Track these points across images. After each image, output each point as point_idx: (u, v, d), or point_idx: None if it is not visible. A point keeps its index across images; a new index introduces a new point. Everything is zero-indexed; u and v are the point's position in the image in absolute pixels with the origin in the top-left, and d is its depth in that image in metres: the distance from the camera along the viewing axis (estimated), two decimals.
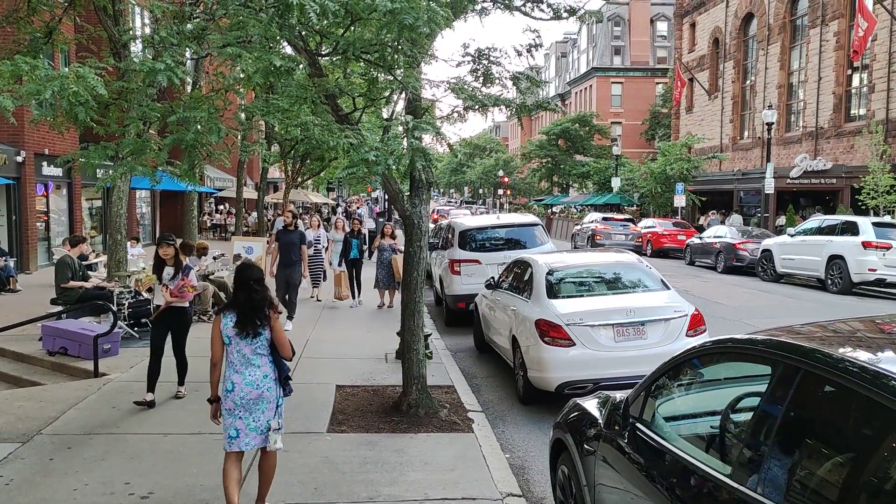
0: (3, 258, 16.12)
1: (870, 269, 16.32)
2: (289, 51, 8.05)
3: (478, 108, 7.10)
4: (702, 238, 24.98)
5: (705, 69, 40.11)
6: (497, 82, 7.23)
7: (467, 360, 10.53)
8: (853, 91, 28.89)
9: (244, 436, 4.66)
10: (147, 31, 19.26)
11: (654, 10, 63.25)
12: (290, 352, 4.84)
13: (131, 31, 12.24)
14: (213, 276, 13.34)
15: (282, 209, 19.40)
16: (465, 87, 7.06)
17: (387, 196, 15.39)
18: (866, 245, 16.44)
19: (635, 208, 42.86)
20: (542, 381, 7.67)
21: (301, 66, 6.70)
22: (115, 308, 10.09)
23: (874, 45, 26.11)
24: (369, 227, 23.93)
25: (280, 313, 5.09)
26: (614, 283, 8.60)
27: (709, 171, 36.70)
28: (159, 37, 6.27)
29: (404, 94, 7.58)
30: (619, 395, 4.31)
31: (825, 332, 3.28)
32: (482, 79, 7.15)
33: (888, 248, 16.28)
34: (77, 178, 20.92)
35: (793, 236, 19.35)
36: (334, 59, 7.53)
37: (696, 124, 40.83)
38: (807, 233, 18.96)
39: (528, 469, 6.27)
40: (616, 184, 43.36)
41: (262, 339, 4.70)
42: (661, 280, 8.59)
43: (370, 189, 56.00)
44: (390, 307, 13.73)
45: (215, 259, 14.64)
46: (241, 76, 7.51)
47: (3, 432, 6.60)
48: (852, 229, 17.19)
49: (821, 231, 18.44)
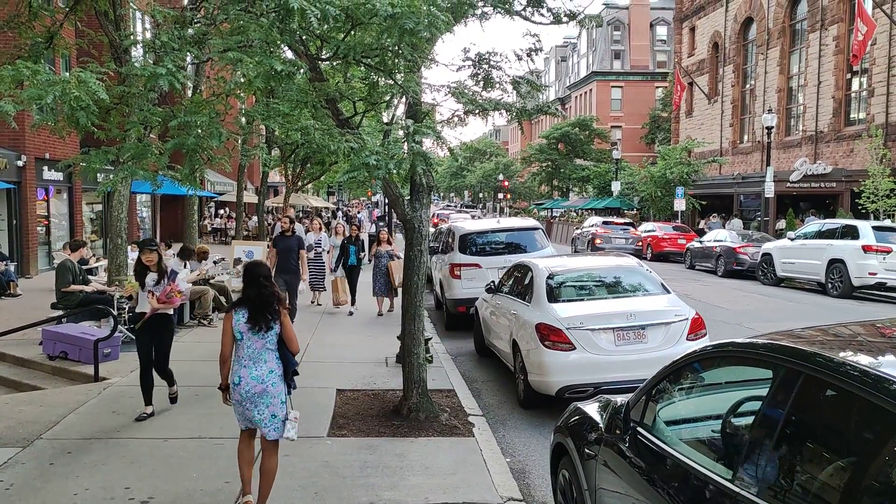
0: (4, 262, 16.13)
1: (870, 273, 16.33)
2: (289, 55, 8.05)
3: (478, 112, 7.12)
4: (702, 242, 24.99)
5: (705, 73, 40.15)
6: (497, 86, 7.25)
7: (468, 363, 10.52)
8: (853, 95, 28.92)
9: (250, 423, 4.98)
10: (148, 35, 19.30)
11: (653, 15, 63.38)
12: (298, 346, 5.09)
13: (132, 36, 12.26)
14: (213, 280, 13.36)
15: (281, 214, 19.38)
16: (466, 91, 7.07)
17: (387, 200, 15.35)
18: (866, 249, 16.45)
19: (635, 212, 42.87)
20: (543, 385, 7.67)
21: (302, 71, 6.71)
22: (115, 312, 10.09)
23: (873, 50, 26.14)
24: (370, 232, 23.85)
25: (288, 309, 5.30)
26: (615, 287, 8.61)
27: (709, 175, 36.71)
28: (160, 42, 6.29)
29: (405, 99, 7.60)
30: (620, 399, 4.30)
31: (826, 336, 3.28)
32: (482, 83, 7.17)
33: (888, 251, 16.28)
34: (78, 182, 20.92)
35: (793, 240, 19.35)
36: (335, 64, 7.55)
37: (695, 128, 40.86)
38: (807, 237, 18.96)
39: (529, 473, 6.27)
40: (616, 188, 43.38)
41: (272, 334, 4.93)
42: (662, 284, 8.59)
43: (370, 193, 56.03)
44: (390, 311, 13.66)
45: (216, 263, 14.67)
46: (242, 80, 7.52)
47: (3, 437, 6.60)
48: (852, 233, 17.20)
49: (821, 235, 18.44)
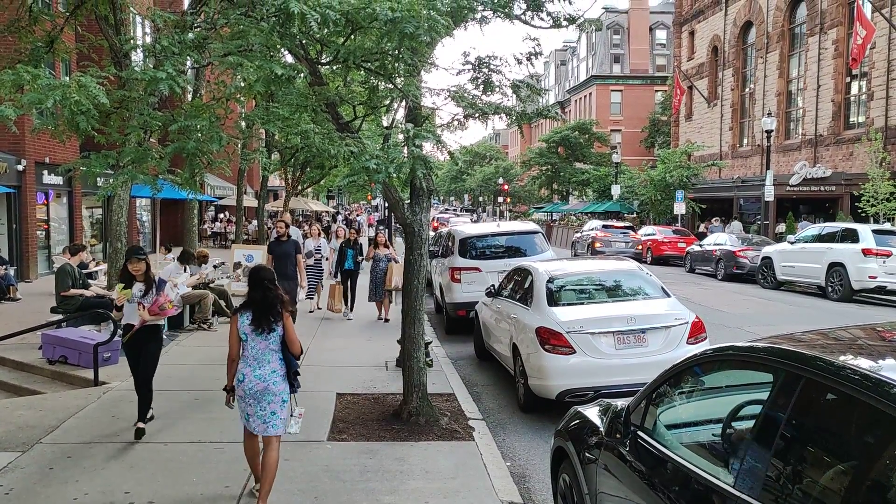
0: (4, 267, 16.12)
1: (870, 277, 16.32)
2: (289, 59, 8.08)
3: (478, 116, 7.13)
4: (702, 245, 24.99)
5: (704, 77, 40.21)
6: (497, 90, 7.25)
7: (468, 367, 10.51)
8: (852, 99, 28.96)
9: (253, 420, 5.09)
10: (148, 40, 19.33)
11: (653, 19, 63.47)
12: (300, 348, 5.24)
13: (132, 41, 12.28)
14: (213, 284, 13.35)
15: (279, 217, 19.34)
16: (466, 95, 7.09)
17: (387, 204, 15.30)
18: (866, 252, 16.45)
19: (635, 216, 42.89)
20: (543, 389, 7.66)
21: (302, 75, 6.73)
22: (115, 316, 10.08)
23: (873, 53, 26.17)
24: (369, 236, 23.71)
25: (291, 312, 5.46)
26: (615, 291, 8.60)
27: (708, 179, 36.74)
28: (160, 46, 6.29)
29: (405, 103, 7.60)
30: (621, 402, 4.30)
31: (826, 340, 3.28)
32: (482, 87, 7.17)
33: (888, 255, 16.28)
34: (78, 186, 20.94)
35: (793, 244, 19.36)
36: (335, 68, 7.56)
37: (695, 132, 40.90)
38: (807, 240, 18.97)
39: (529, 477, 6.26)
40: (616, 191, 43.39)
41: (275, 336, 5.09)
42: (662, 287, 8.59)
43: (370, 197, 56.09)
44: (386, 321, 13.26)
45: (216, 267, 14.65)
46: (242, 85, 7.53)
47: (2, 441, 6.59)
48: (852, 237, 17.20)
49: (821, 238, 18.45)
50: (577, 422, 4.64)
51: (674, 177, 34.98)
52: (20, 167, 18.40)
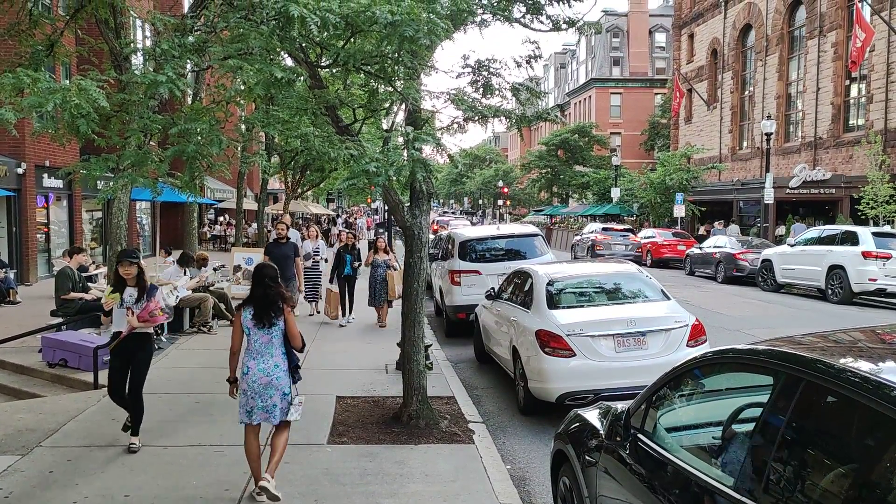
0: (4, 270, 16.13)
1: (870, 279, 16.31)
2: (289, 63, 8.09)
3: (478, 118, 7.13)
4: (702, 248, 25.00)
5: (704, 80, 40.26)
6: (497, 93, 7.26)
7: (468, 370, 10.51)
8: (851, 101, 28.99)
9: (254, 412, 5.27)
10: (148, 43, 19.34)
11: (652, 22, 63.54)
12: (301, 343, 5.46)
13: (132, 44, 12.28)
14: (213, 287, 13.35)
15: (278, 220, 19.31)
16: (465, 98, 7.08)
17: (387, 207, 15.27)
18: (866, 255, 16.44)
19: (634, 218, 42.90)
20: (543, 392, 7.66)
21: (301, 78, 6.73)
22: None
23: (872, 56, 26.22)
24: (369, 240, 23.63)
25: (293, 307, 5.65)
26: (615, 294, 8.60)
27: (708, 182, 36.77)
28: (161, 49, 6.30)
29: (404, 106, 7.61)
30: (621, 405, 4.30)
31: (826, 343, 3.28)
32: (482, 90, 7.18)
33: (888, 257, 16.28)
34: (78, 189, 20.95)
35: (793, 246, 19.36)
36: (335, 71, 7.56)
37: (695, 135, 40.94)
38: (807, 243, 18.97)
39: (529, 480, 6.25)
40: (616, 194, 43.41)
41: (276, 330, 5.32)
42: (662, 290, 8.59)
43: (370, 200, 56.08)
44: (382, 327, 13.06)
45: (215, 270, 14.66)
46: (242, 88, 7.54)
47: (2, 445, 6.59)
48: (852, 239, 17.20)
49: (821, 241, 18.44)
50: (577, 425, 4.63)
51: (673, 179, 35.01)
52: (20, 170, 18.42)
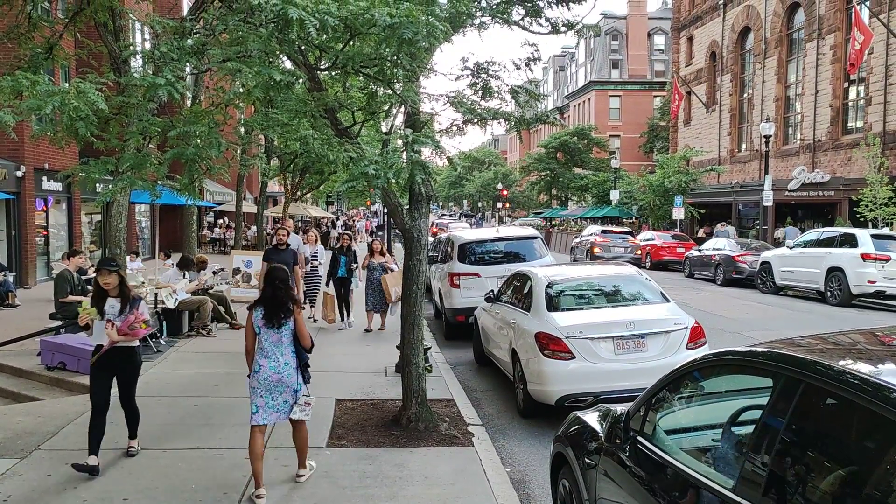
0: (3, 273, 16.11)
1: (869, 281, 16.32)
2: (288, 65, 8.08)
3: (477, 121, 7.13)
4: (701, 250, 25.01)
5: (703, 83, 40.32)
6: (496, 96, 7.26)
7: (467, 373, 10.50)
8: (850, 104, 29.03)
9: (262, 411, 5.44)
10: (147, 46, 19.36)
11: (651, 24, 63.64)
12: (310, 342, 5.66)
13: (132, 47, 12.30)
14: (212, 291, 13.34)
15: (281, 223, 19.30)
16: (465, 100, 7.09)
17: (386, 209, 15.25)
18: (865, 257, 16.45)
19: (634, 221, 42.91)
20: (543, 395, 7.65)
21: (300, 81, 6.73)
22: None
23: (870, 59, 26.26)
24: (367, 242, 23.57)
25: (303, 308, 5.86)
26: (614, 296, 8.60)
27: (707, 184, 36.80)
28: (160, 52, 6.29)
29: (403, 108, 7.60)
30: (620, 408, 4.29)
31: (826, 345, 3.28)
32: (481, 92, 7.18)
33: (887, 259, 16.29)
34: (77, 192, 20.93)
35: (792, 248, 19.37)
36: (334, 74, 7.57)
37: (694, 137, 40.98)
38: (806, 245, 18.98)
39: (528, 483, 6.24)
40: (615, 196, 43.44)
41: (286, 330, 5.50)
42: (661, 292, 8.58)
43: (369, 202, 56.08)
44: (381, 330, 12.99)
45: (215, 273, 14.66)
46: (241, 90, 7.54)
47: (1, 448, 6.58)
48: (851, 241, 17.21)
49: (819, 243, 18.45)
50: (577, 427, 4.63)
51: (672, 182, 35.04)
52: (19, 173, 18.41)
